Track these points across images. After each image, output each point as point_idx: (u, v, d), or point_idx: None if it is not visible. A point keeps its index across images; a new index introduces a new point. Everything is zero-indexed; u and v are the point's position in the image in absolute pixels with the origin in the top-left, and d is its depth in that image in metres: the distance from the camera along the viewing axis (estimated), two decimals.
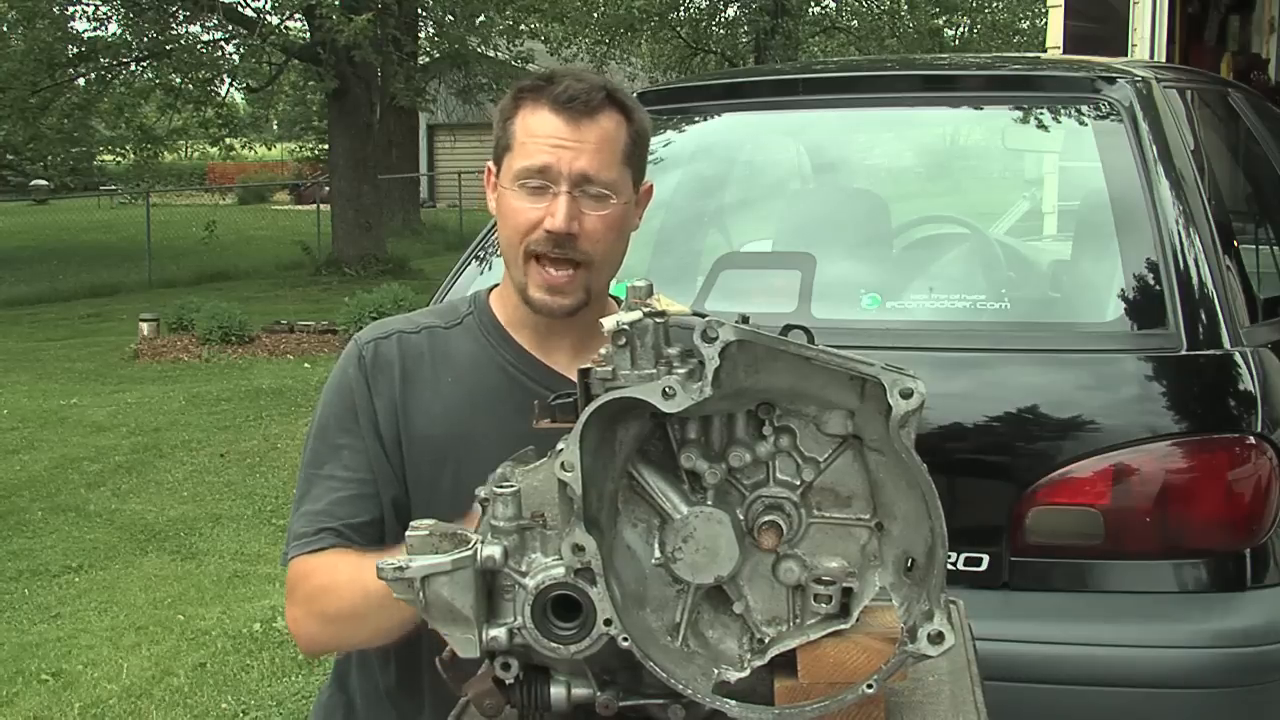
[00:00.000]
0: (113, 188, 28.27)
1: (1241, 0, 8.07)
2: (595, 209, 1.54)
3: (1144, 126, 2.61)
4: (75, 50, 16.41)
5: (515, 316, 1.64)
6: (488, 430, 1.56)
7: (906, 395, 1.08)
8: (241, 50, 16.73)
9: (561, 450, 1.11)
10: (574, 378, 1.16)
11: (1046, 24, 6.97)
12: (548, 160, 1.52)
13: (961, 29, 28.84)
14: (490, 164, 1.64)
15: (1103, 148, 2.73)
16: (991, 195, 4.06)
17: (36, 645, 4.45)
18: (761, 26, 24.89)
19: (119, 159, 22.96)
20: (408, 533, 1.17)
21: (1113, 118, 2.69)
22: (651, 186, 1.67)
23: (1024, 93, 3.05)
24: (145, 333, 10.90)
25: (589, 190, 1.54)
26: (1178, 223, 2.46)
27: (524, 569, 1.15)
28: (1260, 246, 3.19)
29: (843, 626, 1.18)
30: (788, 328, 1.14)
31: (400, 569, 1.15)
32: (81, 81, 17.12)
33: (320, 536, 1.56)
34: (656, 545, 1.18)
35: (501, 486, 1.15)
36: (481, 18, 17.40)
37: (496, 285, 1.71)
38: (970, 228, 3.26)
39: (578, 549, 1.12)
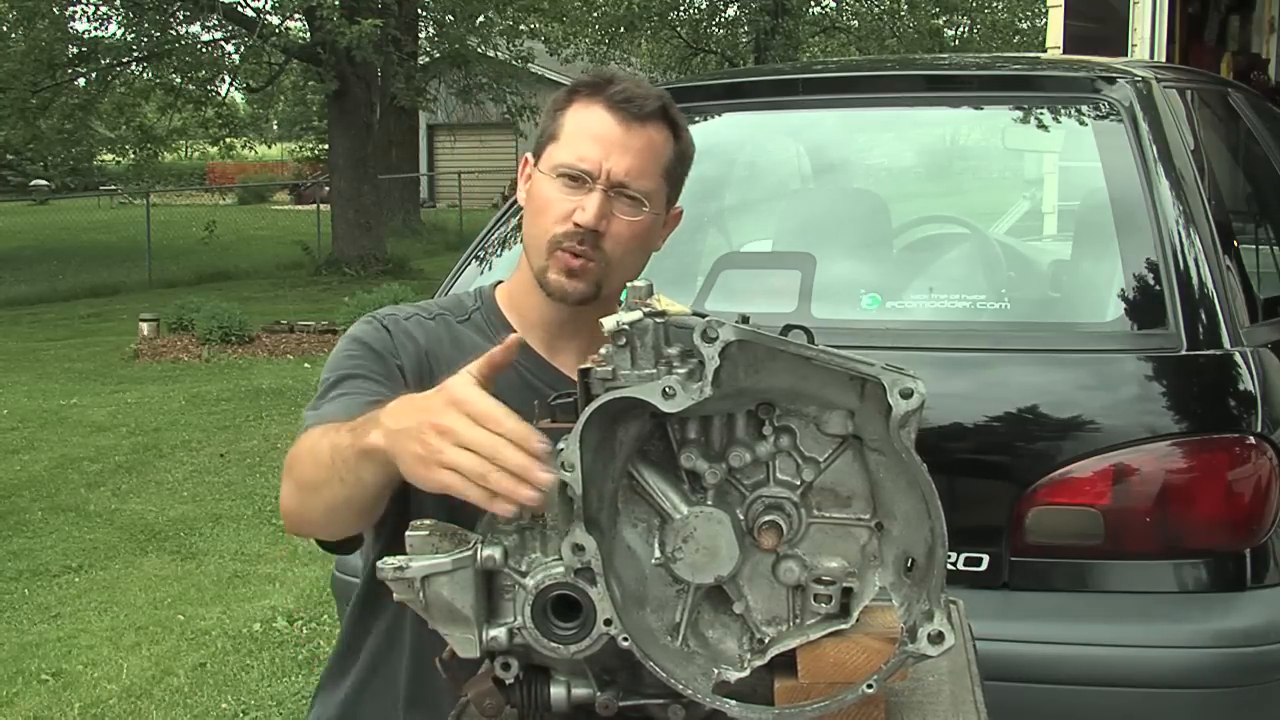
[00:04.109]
0: (113, 188, 28.27)
1: (1241, 0, 8.07)
2: (626, 213, 1.55)
3: (1144, 126, 2.61)
4: (75, 50, 16.41)
5: (527, 316, 1.63)
6: None
7: (907, 395, 1.08)
8: (241, 50, 16.74)
9: (562, 450, 1.12)
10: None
11: (1046, 24, 6.98)
12: (590, 156, 1.53)
13: (961, 29, 28.85)
14: (528, 154, 1.64)
15: (1103, 148, 2.73)
16: (991, 195, 4.06)
17: (36, 645, 4.45)
18: (761, 26, 24.89)
19: (119, 159, 22.97)
20: (408, 533, 1.17)
21: (1113, 118, 2.69)
22: (681, 211, 1.68)
23: (1024, 93, 3.05)
24: (145, 333, 10.90)
25: (624, 193, 1.54)
26: (1178, 223, 2.46)
27: (524, 569, 1.15)
28: (1260, 246, 3.19)
29: (843, 626, 1.18)
30: (788, 328, 1.14)
31: (400, 569, 1.15)
32: (81, 82, 17.13)
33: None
34: (656, 545, 1.18)
35: None
36: (481, 18, 17.41)
37: (500, 282, 1.71)
38: (970, 228, 3.26)
39: (578, 549, 1.12)
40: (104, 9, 16.67)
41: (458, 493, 1.13)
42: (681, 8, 25.84)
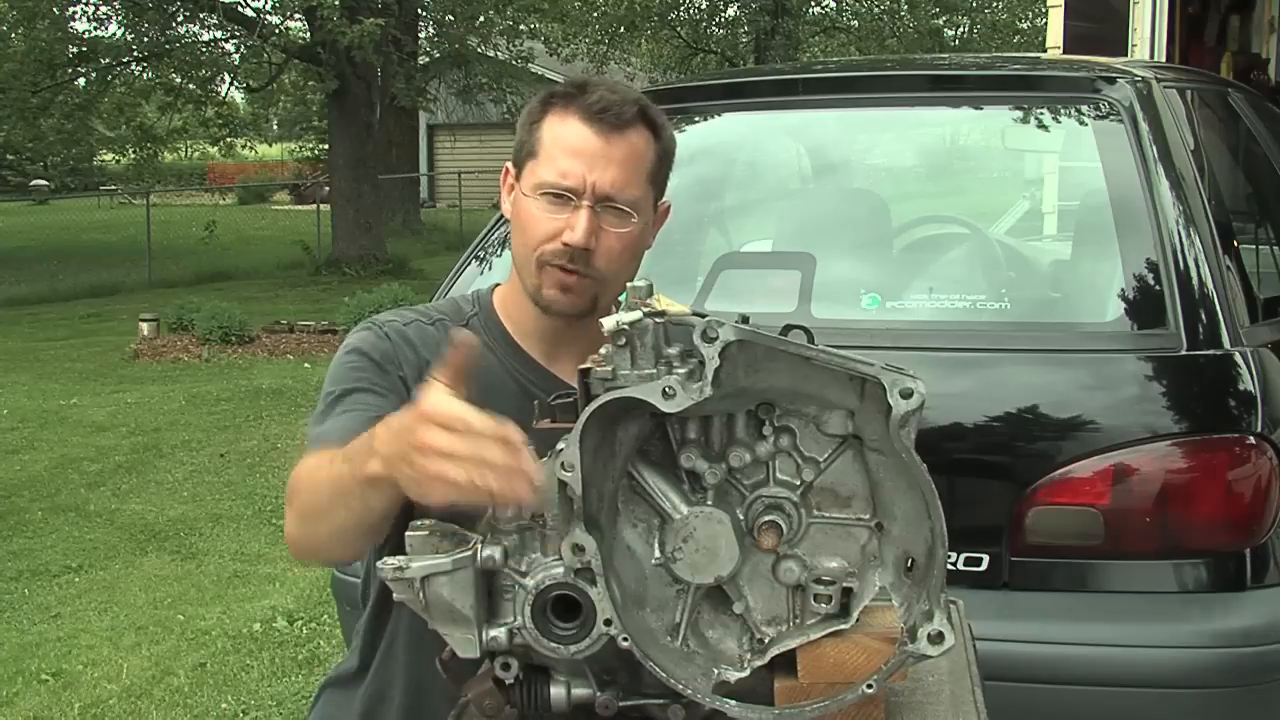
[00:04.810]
0: (113, 188, 28.28)
1: (1241, 0, 8.06)
2: (615, 226, 1.52)
3: (1144, 126, 2.61)
4: (75, 50, 16.41)
5: (523, 325, 1.61)
6: None
7: (906, 395, 1.08)
8: (241, 50, 16.74)
9: (562, 450, 1.11)
10: None
11: (1046, 24, 6.98)
12: (573, 172, 1.50)
13: (961, 29, 28.83)
14: (509, 164, 1.61)
15: (1103, 148, 2.73)
16: (991, 195, 4.06)
17: (36, 645, 4.45)
18: (761, 26, 24.88)
19: (119, 159, 23.00)
20: (408, 533, 1.17)
21: (1113, 118, 2.69)
22: (669, 206, 1.65)
23: (1024, 93, 3.05)
24: (145, 333, 10.89)
25: (611, 206, 1.52)
26: (1178, 223, 2.46)
27: (524, 569, 1.15)
28: (1260, 246, 3.19)
29: (843, 626, 1.18)
30: (788, 328, 1.14)
31: (400, 569, 1.15)
32: (81, 82, 17.13)
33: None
34: (656, 545, 1.18)
35: None
36: (481, 18, 17.41)
37: (498, 285, 1.69)
38: (970, 228, 3.26)
39: (578, 549, 1.12)
40: (104, 9, 16.68)
41: (461, 500, 1.12)
42: (681, 8, 25.82)
